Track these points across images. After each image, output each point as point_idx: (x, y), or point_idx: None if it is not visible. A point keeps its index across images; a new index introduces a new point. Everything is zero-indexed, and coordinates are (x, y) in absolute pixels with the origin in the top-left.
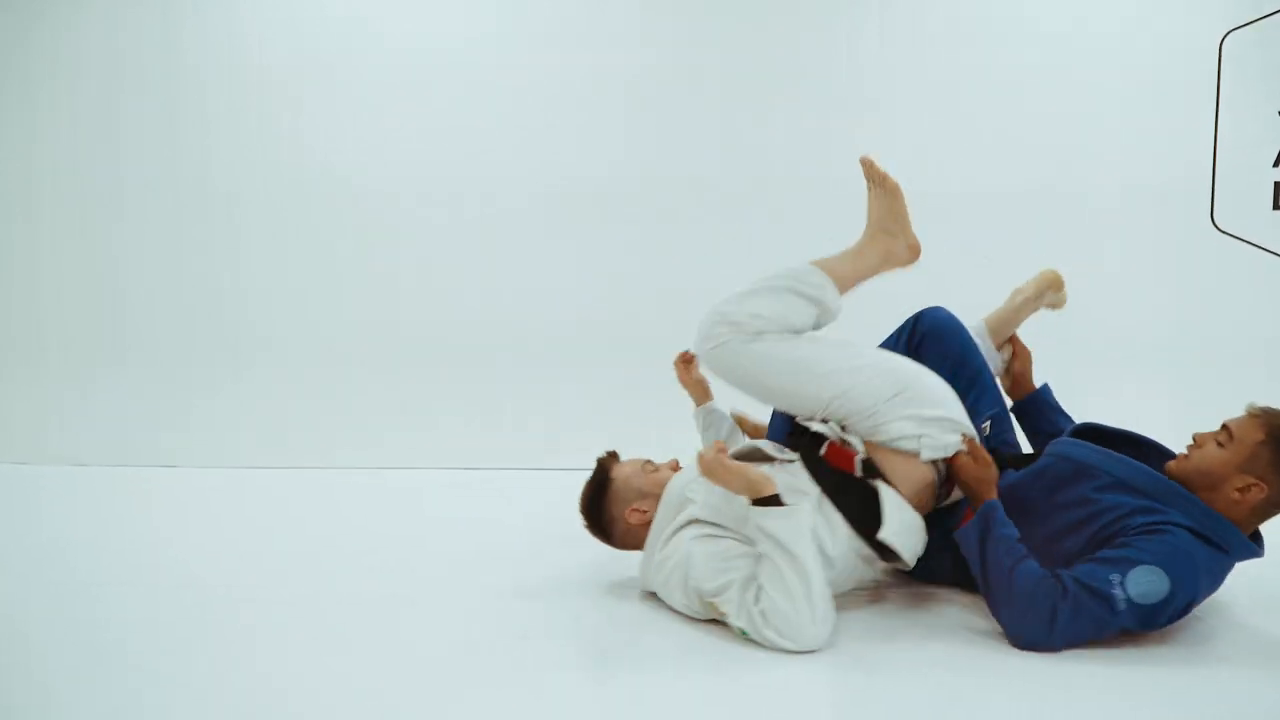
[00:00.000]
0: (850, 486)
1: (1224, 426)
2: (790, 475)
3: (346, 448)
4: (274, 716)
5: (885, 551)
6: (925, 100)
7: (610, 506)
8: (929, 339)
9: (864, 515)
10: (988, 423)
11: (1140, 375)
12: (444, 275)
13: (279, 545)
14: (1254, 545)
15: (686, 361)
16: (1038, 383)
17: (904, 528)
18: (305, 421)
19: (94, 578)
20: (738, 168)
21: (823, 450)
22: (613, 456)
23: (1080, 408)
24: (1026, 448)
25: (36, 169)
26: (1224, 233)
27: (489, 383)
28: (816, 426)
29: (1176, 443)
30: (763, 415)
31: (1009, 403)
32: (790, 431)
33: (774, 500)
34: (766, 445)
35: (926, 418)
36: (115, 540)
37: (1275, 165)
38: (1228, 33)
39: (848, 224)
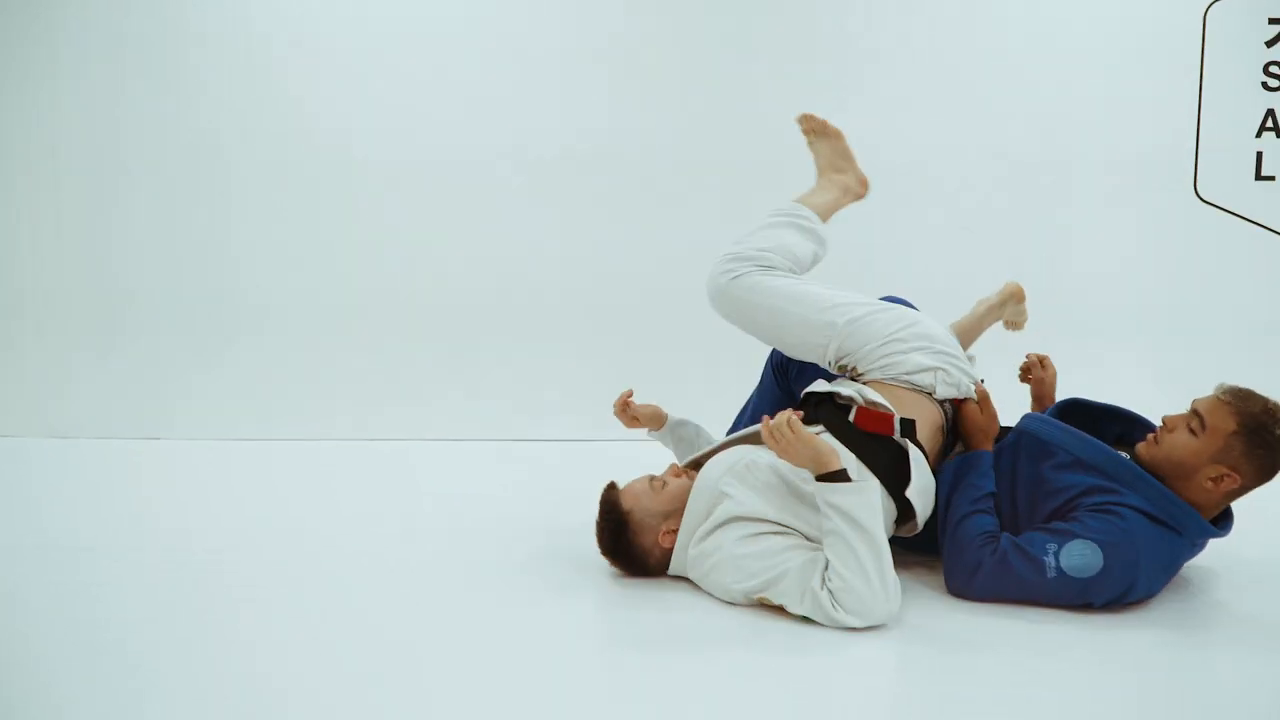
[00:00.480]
0: (882, 447)
1: (1195, 412)
2: None
3: (331, 419)
4: (262, 689)
5: (902, 512)
6: (909, 71)
7: (639, 540)
8: None
9: (893, 473)
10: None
11: (1123, 346)
12: (434, 245)
13: (268, 517)
14: (1212, 526)
15: (625, 404)
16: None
17: (923, 489)
18: (292, 393)
19: (80, 548)
20: (724, 136)
21: (852, 415)
22: (614, 488)
23: (1063, 379)
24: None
25: (22, 139)
26: (1207, 203)
27: (480, 353)
28: (826, 388)
29: (1157, 415)
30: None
31: None
32: (801, 405)
33: (840, 476)
34: (741, 434)
35: (939, 350)
36: (102, 512)
37: (1258, 136)
38: (1211, 4)
39: None
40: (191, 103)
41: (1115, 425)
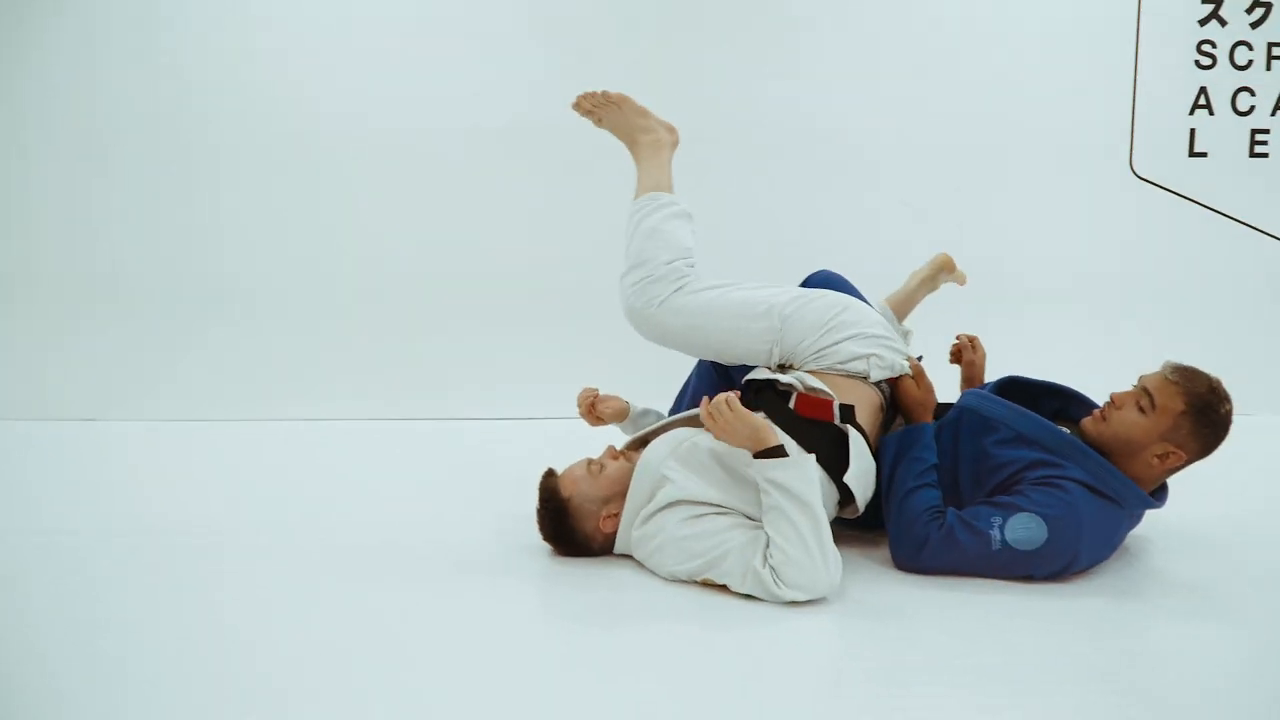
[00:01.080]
0: (823, 432)
1: (1144, 389)
2: None
3: (284, 402)
4: (248, 671)
5: (843, 496)
6: (849, 51)
7: (580, 526)
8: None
9: (834, 459)
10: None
11: (1061, 321)
12: (392, 223)
13: (255, 499)
14: (1150, 498)
15: (591, 407)
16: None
17: (862, 473)
18: (275, 374)
19: (66, 529)
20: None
21: (792, 403)
22: (552, 475)
23: (1002, 356)
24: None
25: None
26: (1143, 179)
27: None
28: (767, 375)
29: (1095, 390)
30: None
31: None
32: (745, 392)
33: (777, 452)
34: (682, 416)
35: (870, 335)
36: (88, 494)
37: (1191, 114)
38: None
39: (782, 166)
40: (157, 82)
41: (1053, 401)
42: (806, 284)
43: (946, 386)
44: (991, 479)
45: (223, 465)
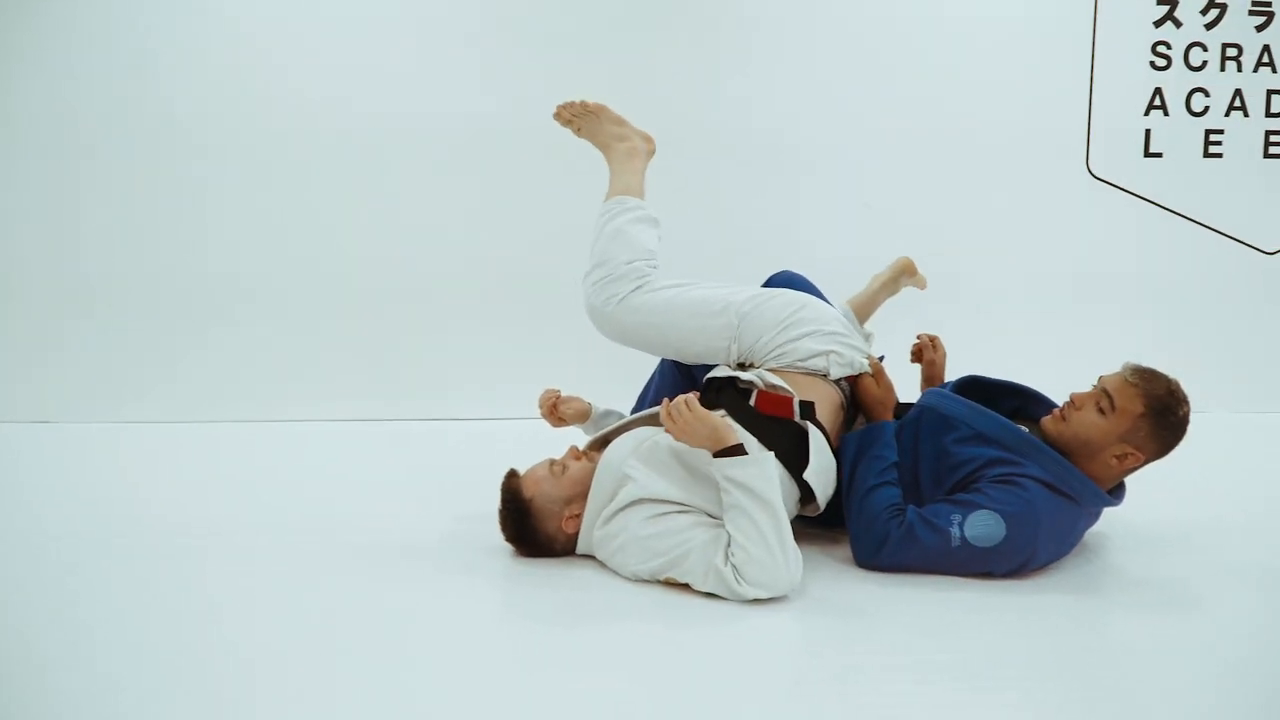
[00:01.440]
0: (783, 430)
1: (1104, 391)
2: None
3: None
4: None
5: (804, 494)
6: (809, 53)
7: (542, 527)
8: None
9: (794, 456)
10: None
11: (1020, 320)
12: (353, 222)
13: (242, 499)
14: (1108, 496)
15: (553, 407)
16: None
17: (823, 470)
18: (261, 375)
19: (57, 533)
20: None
21: (753, 400)
22: (515, 475)
23: (960, 355)
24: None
25: None
26: (1099, 179)
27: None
28: (727, 373)
29: (1054, 389)
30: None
31: None
32: (705, 390)
33: (736, 450)
34: (643, 415)
35: (828, 333)
36: (81, 497)
37: (1146, 115)
38: None
39: (742, 167)
40: (145, 81)
41: (1012, 400)
42: (769, 284)
43: (907, 386)
44: (951, 477)
45: (206, 467)
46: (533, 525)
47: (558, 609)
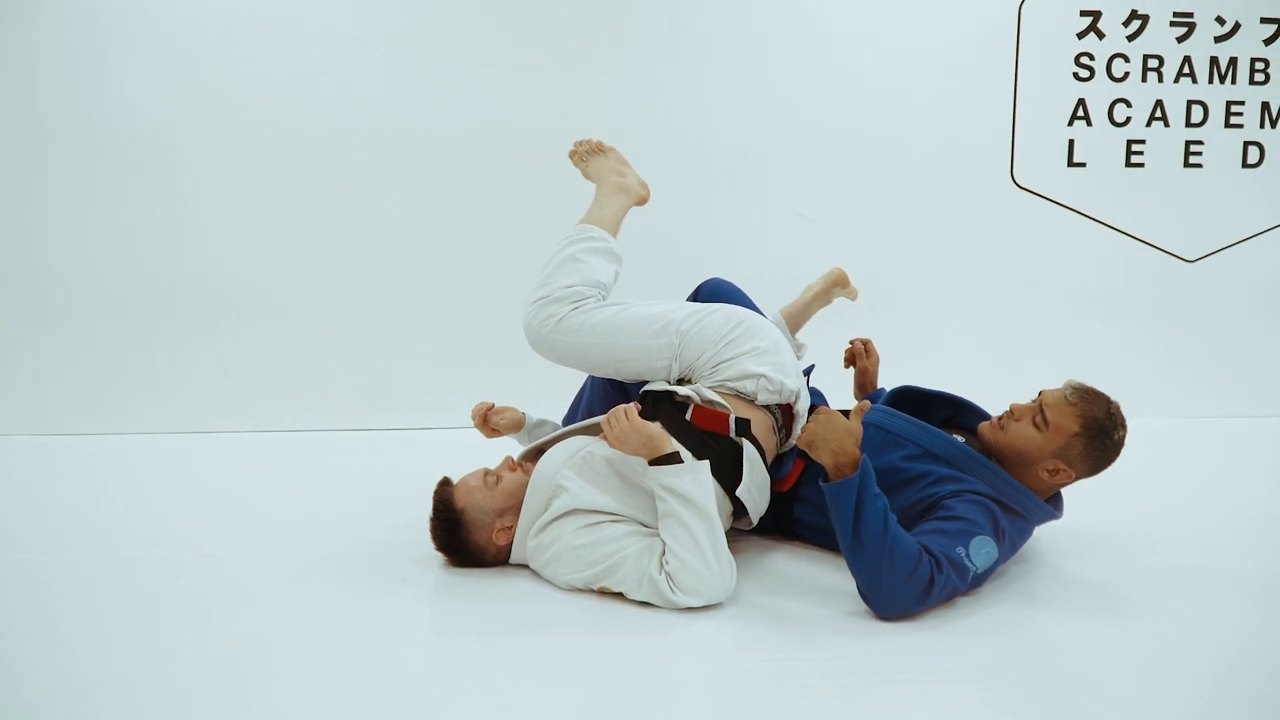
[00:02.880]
0: (718, 445)
1: (1041, 406)
2: None
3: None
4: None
5: (737, 509)
6: (738, 61)
7: (473, 538)
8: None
9: (729, 471)
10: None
11: (950, 328)
12: (292, 227)
13: (213, 511)
14: (1051, 510)
15: (485, 417)
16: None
17: (756, 486)
18: (239, 385)
19: (29, 548)
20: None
21: (689, 414)
22: (447, 484)
23: (894, 363)
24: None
25: None
26: (1023, 189)
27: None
28: (664, 387)
29: (982, 395)
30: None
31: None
32: (642, 403)
33: (672, 459)
34: (578, 426)
35: (763, 352)
36: (54, 509)
37: (1070, 125)
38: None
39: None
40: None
41: (944, 410)
42: (698, 291)
43: (840, 391)
44: (904, 492)
45: (173, 478)
46: (463, 536)
47: (488, 620)
